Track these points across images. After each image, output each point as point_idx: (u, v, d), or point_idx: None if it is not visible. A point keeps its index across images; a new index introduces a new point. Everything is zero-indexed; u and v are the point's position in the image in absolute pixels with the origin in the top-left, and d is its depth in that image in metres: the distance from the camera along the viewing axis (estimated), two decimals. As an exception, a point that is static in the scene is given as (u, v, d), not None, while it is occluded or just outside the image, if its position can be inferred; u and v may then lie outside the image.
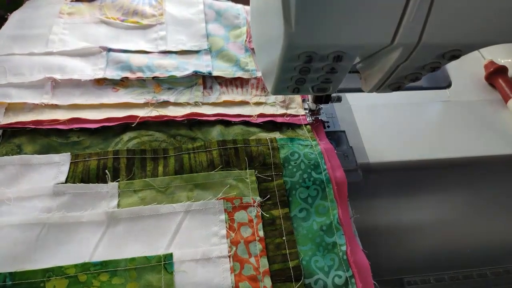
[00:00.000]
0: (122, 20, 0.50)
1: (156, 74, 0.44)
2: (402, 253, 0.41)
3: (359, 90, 0.34)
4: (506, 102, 0.52)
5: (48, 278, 0.30)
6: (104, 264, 0.31)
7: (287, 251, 0.34)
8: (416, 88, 0.54)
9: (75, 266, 0.31)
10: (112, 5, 0.52)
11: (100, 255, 0.32)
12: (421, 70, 0.29)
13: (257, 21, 0.33)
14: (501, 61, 0.55)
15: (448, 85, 0.54)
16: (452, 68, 0.56)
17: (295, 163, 0.39)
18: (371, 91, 0.33)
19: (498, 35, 0.26)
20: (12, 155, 0.37)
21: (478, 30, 0.25)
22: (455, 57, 0.26)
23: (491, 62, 0.55)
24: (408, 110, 0.51)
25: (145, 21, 0.50)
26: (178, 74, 0.45)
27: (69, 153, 0.37)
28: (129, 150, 0.38)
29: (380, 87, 0.32)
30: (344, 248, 0.35)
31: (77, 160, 0.37)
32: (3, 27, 0.48)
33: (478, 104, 0.52)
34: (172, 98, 0.43)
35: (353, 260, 0.34)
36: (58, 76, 0.42)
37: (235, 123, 0.43)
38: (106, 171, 0.36)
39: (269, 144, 0.40)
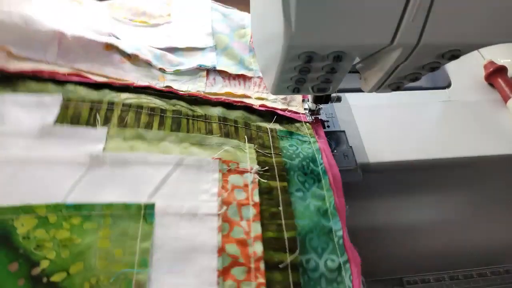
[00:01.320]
0: (130, 20, 0.50)
1: (163, 66, 0.44)
2: (402, 253, 0.41)
3: (359, 90, 0.34)
4: (505, 102, 0.52)
5: (17, 216, 0.28)
6: (77, 207, 0.29)
7: (283, 221, 0.32)
8: (416, 88, 0.54)
9: (47, 206, 0.29)
10: (119, 6, 0.52)
11: (75, 198, 0.30)
12: (420, 70, 0.29)
13: (257, 21, 0.33)
14: (501, 61, 0.55)
15: (448, 85, 0.55)
16: (452, 68, 0.56)
17: (293, 151, 0.39)
18: (371, 91, 0.33)
19: (497, 35, 0.26)
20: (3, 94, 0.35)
21: (477, 30, 0.25)
22: (454, 57, 0.26)
23: (491, 62, 0.55)
24: (408, 110, 0.51)
25: (152, 21, 0.51)
26: (183, 68, 0.45)
27: (61, 94, 0.35)
28: (125, 104, 0.36)
29: (380, 87, 0.32)
30: (340, 233, 0.33)
31: (68, 102, 0.35)
32: None
33: (477, 104, 0.52)
34: (175, 86, 0.43)
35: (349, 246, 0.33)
36: (68, 32, 0.39)
37: (237, 107, 0.42)
38: (97, 114, 0.34)
39: (269, 133, 0.40)
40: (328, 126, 0.46)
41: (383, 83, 0.31)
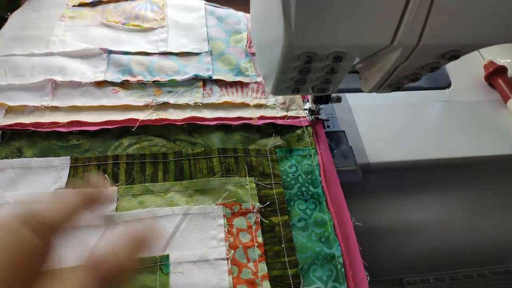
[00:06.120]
0: (124, 24, 0.50)
1: (157, 78, 0.44)
2: (402, 253, 0.41)
3: (359, 90, 0.34)
4: (505, 102, 0.52)
5: None
6: None
7: (286, 259, 0.34)
8: (416, 88, 0.54)
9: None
10: (114, 10, 0.52)
11: None
12: (420, 70, 0.29)
13: (257, 22, 0.33)
14: (501, 61, 0.55)
15: (448, 85, 0.55)
16: (452, 68, 0.56)
17: (293, 175, 0.39)
18: (371, 91, 0.33)
19: (497, 36, 0.26)
20: (12, 158, 0.37)
21: (477, 31, 0.25)
22: (454, 57, 0.26)
23: (491, 62, 0.55)
24: (408, 110, 0.51)
25: (146, 25, 0.51)
26: (179, 78, 0.45)
27: (69, 156, 0.37)
28: (129, 155, 0.38)
29: (380, 87, 0.32)
30: (341, 260, 0.34)
31: (76, 165, 0.37)
32: (3, 28, 0.48)
33: (477, 104, 0.52)
34: (172, 100, 0.43)
35: (352, 273, 0.34)
36: (58, 78, 0.42)
37: (235, 129, 0.42)
38: (106, 176, 0.36)
39: (269, 155, 0.40)
40: (328, 126, 0.46)
41: (383, 83, 0.31)
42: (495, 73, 0.54)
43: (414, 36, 0.24)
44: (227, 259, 0.33)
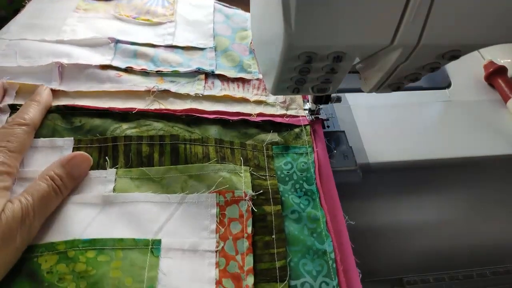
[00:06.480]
0: (134, 18, 0.52)
1: (160, 68, 0.45)
2: (402, 253, 0.41)
3: (359, 90, 0.34)
4: (505, 102, 0.52)
5: (41, 254, 0.30)
6: (92, 242, 0.32)
7: (275, 250, 0.34)
8: (416, 88, 0.54)
9: (65, 242, 0.31)
10: (126, 5, 0.54)
11: (90, 234, 0.32)
12: (420, 70, 0.29)
13: (257, 21, 0.33)
14: (501, 61, 0.55)
15: (448, 85, 0.55)
16: (452, 68, 0.56)
17: (287, 172, 0.39)
18: (371, 91, 0.33)
19: (497, 36, 0.26)
20: None
21: (477, 31, 0.25)
22: (454, 57, 0.27)
23: (491, 62, 0.55)
24: (408, 110, 0.51)
25: (155, 19, 0.52)
26: (182, 69, 0.45)
27: (72, 138, 0.38)
28: (127, 137, 0.39)
29: (380, 87, 0.32)
30: (333, 255, 0.34)
31: (79, 146, 0.38)
32: (18, 15, 0.49)
33: (477, 104, 0.52)
34: (173, 89, 0.44)
35: (343, 268, 0.34)
36: (65, 61, 0.43)
37: (234, 123, 0.42)
38: (107, 157, 0.37)
39: (265, 151, 0.40)
40: (328, 126, 0.46)
41: (383, 83, 0.31)
42: (495, 73, 0.54)
43: (414, 36, 0.24)
44: (216, 251, 0.33)
